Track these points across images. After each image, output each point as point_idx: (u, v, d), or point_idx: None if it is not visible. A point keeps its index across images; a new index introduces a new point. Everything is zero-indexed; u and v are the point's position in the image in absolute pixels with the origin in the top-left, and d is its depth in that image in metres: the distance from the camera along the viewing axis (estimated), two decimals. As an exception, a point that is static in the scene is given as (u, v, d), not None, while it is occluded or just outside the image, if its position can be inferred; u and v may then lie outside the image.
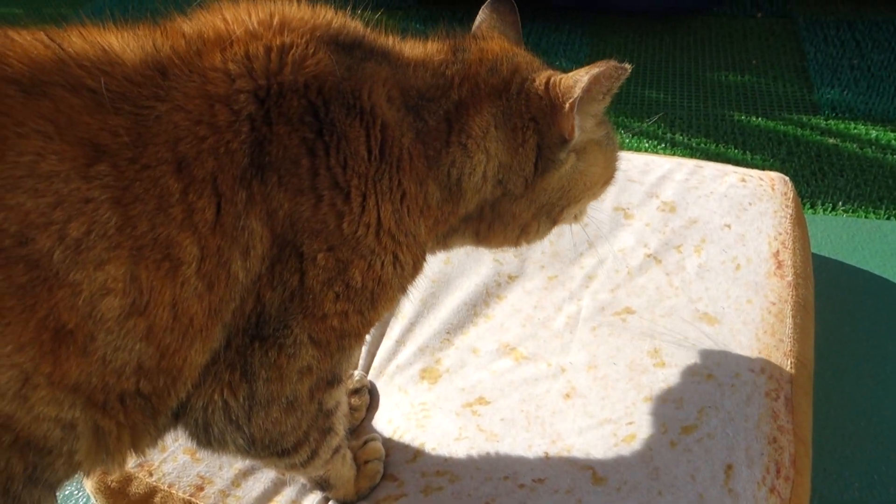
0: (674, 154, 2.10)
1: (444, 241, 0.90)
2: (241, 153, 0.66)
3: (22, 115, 0.55)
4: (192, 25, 0.70)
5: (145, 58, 0.63)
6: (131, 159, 0.60)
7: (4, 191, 0.54)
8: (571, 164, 0.87)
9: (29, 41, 0.59)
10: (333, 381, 0.82)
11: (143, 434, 0.72)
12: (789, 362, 1.08)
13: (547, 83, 0.82)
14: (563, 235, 1.29)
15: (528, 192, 0.86)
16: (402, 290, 0.82)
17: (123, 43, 0.64)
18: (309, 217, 0.70)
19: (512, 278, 1.26)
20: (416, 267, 0.82)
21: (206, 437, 0.77)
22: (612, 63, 0.78)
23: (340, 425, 0.90)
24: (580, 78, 0.79)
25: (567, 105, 0.80)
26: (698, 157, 2.08)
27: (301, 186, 0.69)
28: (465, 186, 0.82)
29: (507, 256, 1.29)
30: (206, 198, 0.64)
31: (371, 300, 0.78)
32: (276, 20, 0.72)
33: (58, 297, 0.58)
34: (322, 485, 0.96)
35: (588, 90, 0.79)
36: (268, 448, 0.80)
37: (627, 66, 0.78)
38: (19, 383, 0.58)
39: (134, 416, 0.68)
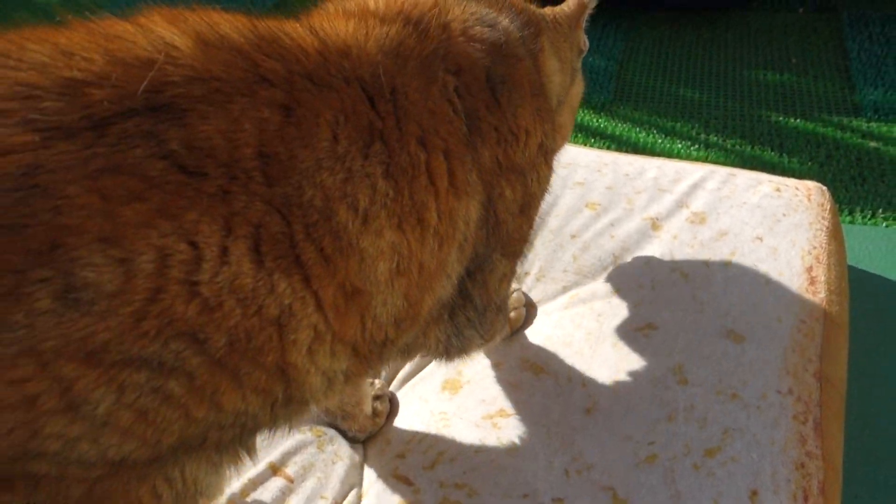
0: (707, 156, 2.06)
1: None
2: (459, 122, 0.77)
3: (319, 107, 0.63)
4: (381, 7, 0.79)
5: (378, 44, 0.72)
6: (397, 138, 0.69)
7: (313, 171, 0.61)
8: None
9: (300, 34, 0.66)
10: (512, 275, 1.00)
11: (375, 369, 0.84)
12: (819, 384, 1.05)
13: (559, 10, 1.02)
14: (588, 250, 1.27)
15: (567, 100, 1.05)
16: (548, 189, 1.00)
17: (352, 30, 0.72)
18: (506, 156, 0.83)
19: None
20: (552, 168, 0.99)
21: (450, 353, 0.95)
22: None
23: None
24: (578, 4, 1.04)
25: (581, 23, 1.04)
26: (733, 160, 2.03)
27: (499, 138, 0.82)
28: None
29: (528, 280, 1.27)
30: (439, 165, 0.73)
31: (535, 205, 0.95)
32: None
33: (350, 263, 0.65)
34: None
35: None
36: (488, 339, 1.00)
37: None
38: (311, 339, 0.64)
39: (373, 358, 0.76)
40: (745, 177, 1.40)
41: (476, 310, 0.92)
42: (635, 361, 1.09)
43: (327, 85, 0.64)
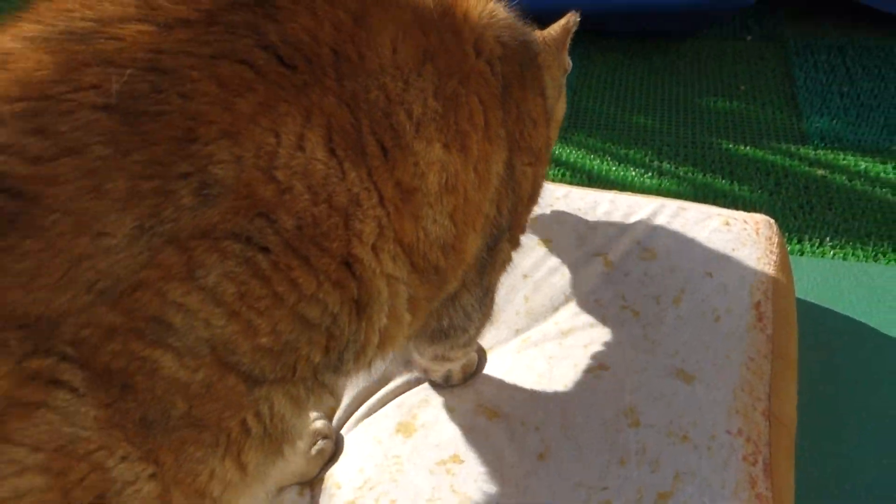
0: (660, 184, 2.08)
1: None
2: (497, 83, 0.86)
3: (383, 20, 0.71)
4: None
5: None
6: (445, 66, 0.77)
7: (377, 74, 0.69)
8: None
9: None
10: (509, 263, 1.05)
11: (425, 314, 0.87)
12: (768, 422, 1.05)
13: (547, 33, 1.10)
14: (539, 289, 1.27)
15: (553, 114, 1.09)
16: None
17: None
18: (522, 136, 0.92)
19: (489, 350, 1.23)
20: None
21: (453, 330, 0.97)
22: (574, 16, 1.11)
23: None
24: (563, 28, 1.11)
25: (566, 45, 1.13)
26: (685, 187, 2.06)
27: (519, 115, 0.91)
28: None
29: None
30: (476, 106, 0.80)
31: (536, 197, 1.04)
32: None
33: (407, 163, 0.71)
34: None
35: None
36: (481, 327, 1.04)
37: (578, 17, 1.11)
38: (375, 234, 0.69)
39: (429, 282, 0.80)
40: (694, 210, 1.41)
41: (481, 288, 0.97)
42: (587, 403, 1.09)
43: (387, 4, 0.73)
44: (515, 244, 1.02)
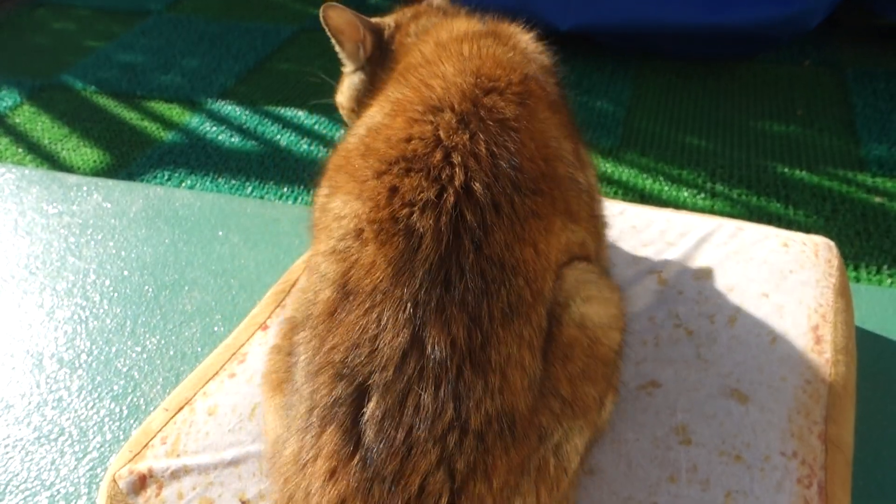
0: (713, 205, 2.06)
1: None
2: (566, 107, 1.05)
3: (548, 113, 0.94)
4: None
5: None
6: (551, 105, 0.96)
7: (559, 155, 0.90)
8: None
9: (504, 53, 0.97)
10: None
11: None
12: (824, 447, 1.03)
13: None
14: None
15: None
16: None
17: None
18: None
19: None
20: None
21: None
22: None
23: None
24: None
25: None
26: (739, 210, 2.04)
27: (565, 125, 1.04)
28: None
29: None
30: (566, 121, 1.00)
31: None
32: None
33: (569, 197, 0.89)
34: None
35: None
36: None
37: None
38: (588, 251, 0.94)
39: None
40: (752, 231, 1.40)
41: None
42: (638, 420, 1.08)
43: (539, 83, 0.97)
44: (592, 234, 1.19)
